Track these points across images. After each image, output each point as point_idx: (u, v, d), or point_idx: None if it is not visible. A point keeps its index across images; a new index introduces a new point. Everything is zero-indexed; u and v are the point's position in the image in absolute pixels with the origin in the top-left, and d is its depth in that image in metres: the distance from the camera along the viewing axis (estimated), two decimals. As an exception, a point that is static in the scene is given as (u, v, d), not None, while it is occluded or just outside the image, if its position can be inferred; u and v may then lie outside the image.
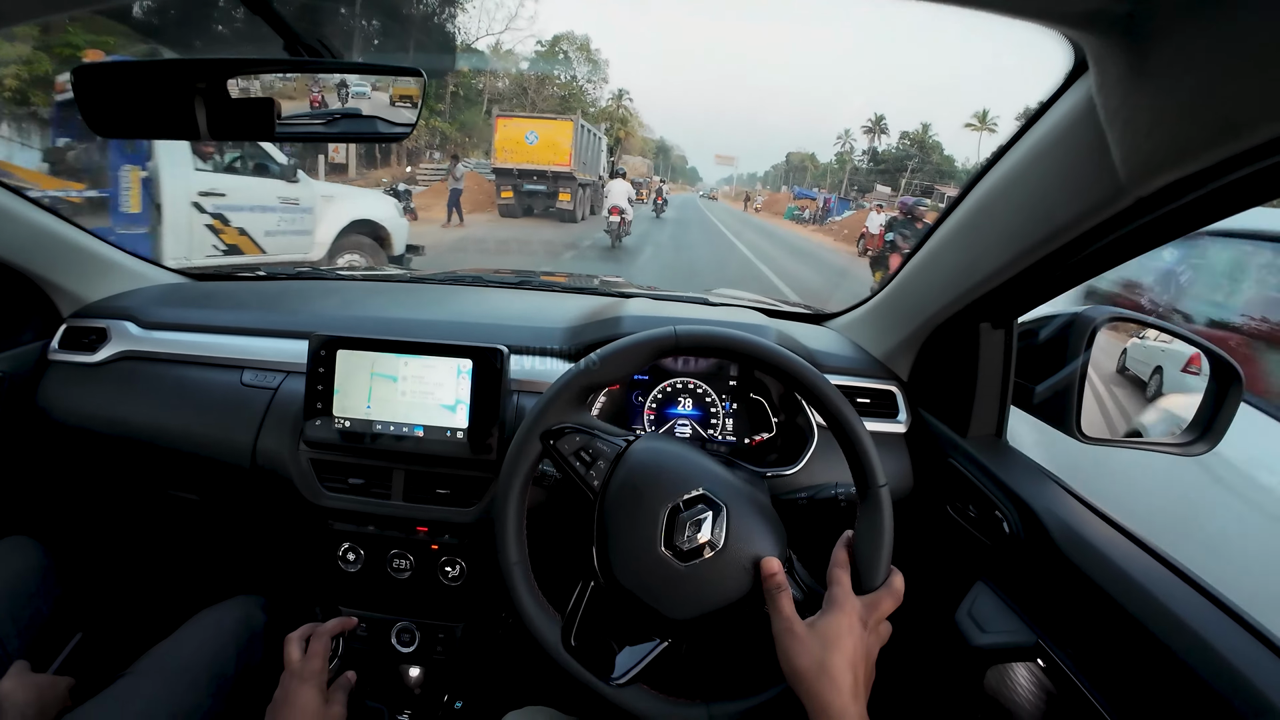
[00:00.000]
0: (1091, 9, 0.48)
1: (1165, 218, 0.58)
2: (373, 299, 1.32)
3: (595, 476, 0.72)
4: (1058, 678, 0.70)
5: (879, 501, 0.69)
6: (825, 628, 0.61)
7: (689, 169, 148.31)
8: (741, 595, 0.67)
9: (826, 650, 0.60)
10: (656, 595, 0.67)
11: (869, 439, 0.71)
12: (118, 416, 1.12)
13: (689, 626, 0.68)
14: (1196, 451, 0.86)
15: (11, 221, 1.06)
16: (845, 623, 0.61)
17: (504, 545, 0.73)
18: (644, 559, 0.68)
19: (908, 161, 60.48)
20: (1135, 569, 0.67)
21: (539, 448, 0.74)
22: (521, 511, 0.74)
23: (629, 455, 0.73)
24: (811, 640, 0.61)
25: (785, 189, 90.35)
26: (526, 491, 0.74)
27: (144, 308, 1.21)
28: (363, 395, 0.97)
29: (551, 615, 0.72)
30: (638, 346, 0.74)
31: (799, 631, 0.61)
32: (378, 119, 0.77)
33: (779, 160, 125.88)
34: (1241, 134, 0.44)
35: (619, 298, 1.31)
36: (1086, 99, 0.57)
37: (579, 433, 0.74)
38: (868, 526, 0.69)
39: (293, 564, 1.19)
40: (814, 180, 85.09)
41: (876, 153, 70.52)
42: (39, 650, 0.97)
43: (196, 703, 0.87)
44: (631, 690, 0.68)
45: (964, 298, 0.87)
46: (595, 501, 0.71)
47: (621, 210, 11.51)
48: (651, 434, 0.79)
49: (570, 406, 0.75)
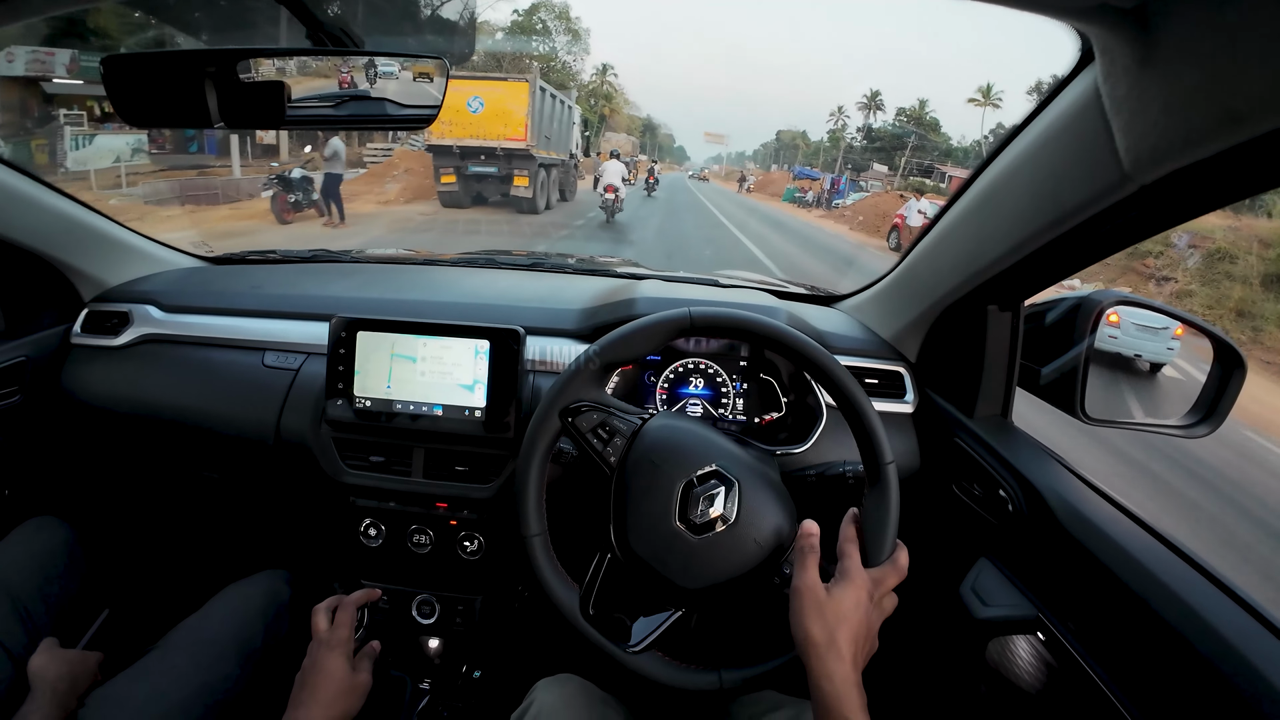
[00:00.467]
0: (1099, 2, 0.49)
1: (1168, 205, 0.59)
2: (389, 280, 1.34)
3: (612, 453, 0.74)
4: (1056, 649, 0.73)
5: (886, 479, 0.71)
6: (838, 599, 0.64)
7: (676, 148, 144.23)
8: (752, 567, 0.70)
9: (838, 622, 0.62)
10: (670, 566, 0.70)
11: (877, 418, 0.73)
12: (141, 398, 1.14)
13: (701, 596, 0.71)
14: (1200, 433, 0.87)
15: (32, 207, 1.07)
16: (854, 596, 0.64)
17: (525, 517, 0.75)
18: (659, 532, 0.71)
19: (906, 139, 58.31)
20: (1134, 546, 0.69)
21: (557, 425, 0.76)
22: (541, 486, 0.76)
23: (645, 432, 0.75)
24: (828, 609, 0.63)
25: (775, 168, 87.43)
26: (546, 466, 0.77)
27: (165, 291, 1.23)
28: (383, 375, 1.00)
29: (570, 585, 0.75)
30: (654, 327, 0.77)
31: (821, 597, 0.64)
32: (396, 102, 0.78)
33: (768, 139, 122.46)
34: (1244, 125, 0.45)
35: (631, 279, 1.33)
36: (1093, 88, 0.58)
37: (596, 410, 0.76)
38: (875, 503, 0.71)
39: (316, 539, 1.22)
40: (806, 159, 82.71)
41: (872, 130, 67.97)
42: (67, 627, 1.00)
43: (225, 673, 0.90)
44: (646, 657, 0.71)
45: (972, 280, 0.88)
46: (612, 477, 0.74)
47: (616, 188, 12.57)
48: (666, 412, 0.81)
49: (588, 385, 0.77)
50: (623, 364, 0.81)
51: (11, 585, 0.93)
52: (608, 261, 1.58)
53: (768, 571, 0.70)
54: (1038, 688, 0.76)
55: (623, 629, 0.73)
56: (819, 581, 0.65)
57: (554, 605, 0.73)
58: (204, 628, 0.95)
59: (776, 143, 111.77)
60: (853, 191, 33.69)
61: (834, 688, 0.60)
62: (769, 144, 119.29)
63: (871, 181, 35.38)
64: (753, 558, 0.70)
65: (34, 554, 1.01)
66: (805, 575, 0.66)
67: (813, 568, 0.66)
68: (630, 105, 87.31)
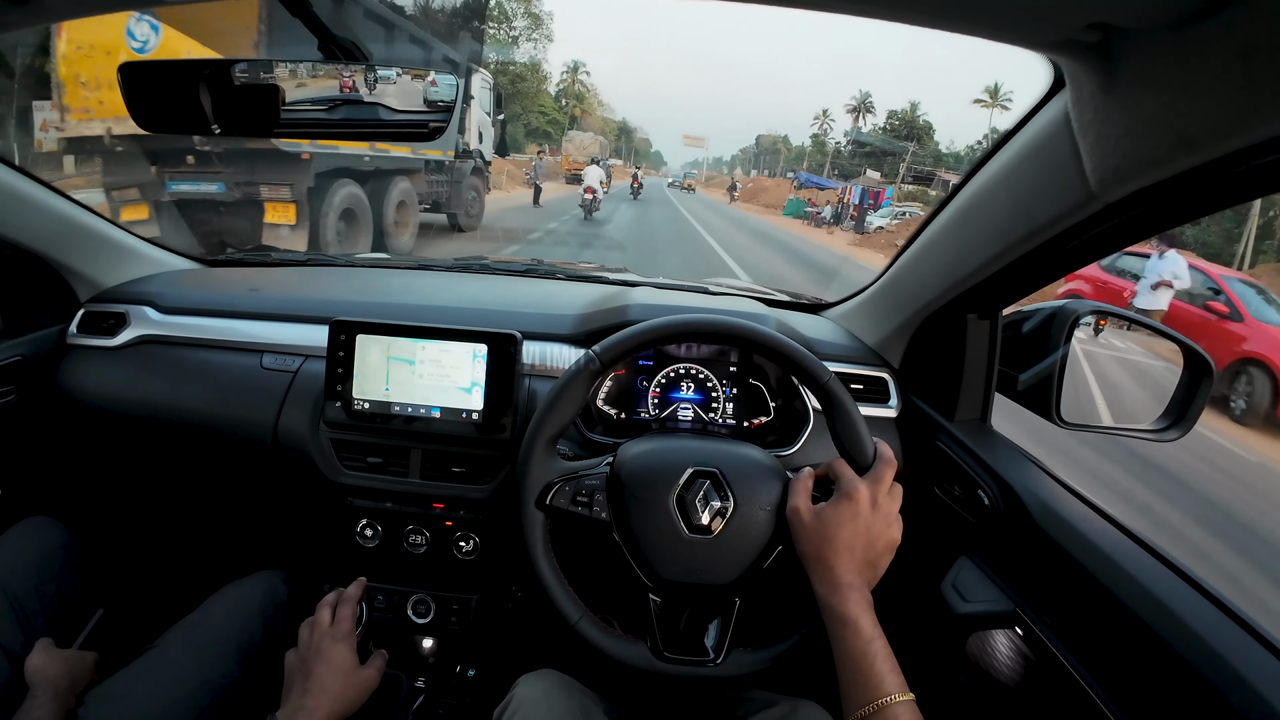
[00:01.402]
0: (1065, 37, 0.53)
1: (1132, 222, 0.64)
2: (386, 284, 1.36)
3: (599, 509, 0.78)
4: (1033, 643, 0.76)
5: (833, 393, 0.76)
6: (827, 517, 0.70)
7: (653, 152, 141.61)
8: (771, 534, 0.75)
9: (822, 538, 0.69)
10: (705, 573, 0.74)
11: (801, 349, 0.78)
12: (138, 398, 1.15)
13: (744, 582, 0.75)
14: (1169, 437, 0.92)
15: (30, 207, 1.07)
16: (847, 510, 0.70)
17: (563, 610, 0.77)
18: (677, 550, 0.74)
19: (907, 143, 56.58)
20: (1105, 543, 0.73)
21: (542, 517, 0.79)
22: (559, 575, 0.79)
23: (616, 473, 0.79)
24: (815, 527, 0.70)
25: (756, 173, 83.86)
26: (552, 556, 0.79)
27: (162, 293, 1.24)
28: (381, 378, 1.01)
29: (633, 642, 0.77)
30: (570, 384, 0.80)
31: (806, 520, 0.71)
32: (392, 107, 0.79)
33: (747, 143, 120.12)
34: (1197, 149, 0.50)
35: (624, 286, 1.36)
36: (1063, 112, 0.62)
37: (566, 482, 0.79)
38: (837, 418, 0.76)
39: (313, 540, 1.24)
40: (788, 164, 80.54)
41: (862, 134, 66.64)
42: (62, 627, 1.00)
43: (224, 671, 0.91)
44: (732, 659, 0.75)
45: (952, 290, 0.92)
46: (613, 528, 0.77)
47: (594, 190, 14.52)
48: (626, 442, 0.84)
49: (545, 463, 0.80)
50: (563, 430, 0.82)
51: (7, 585, 0.92)
52: (600, 268, 1.61)
53: (788, 534, 0.74)
54: (1016, 680, 0.79)
55: (698, 649, 0.76)
56: (806, 505, 0.72)
57: (630, 666, 0.76)
58: (203, 626, 0.95)
59: (756, 148, 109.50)
60: (887, 209, 25.55)
61: (825, 590, 0.68)
62: (748, 149, 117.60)
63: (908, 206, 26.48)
64: (768, 525, 0.75)
65: (30, 554, 1.00)
66: (791, 501, 0.73)
67: (799, 495, 0.73)
68: (605, 107, 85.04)
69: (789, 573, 0.74)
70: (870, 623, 0.66)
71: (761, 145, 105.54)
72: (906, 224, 20.07)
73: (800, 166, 71.58)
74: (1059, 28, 0.52)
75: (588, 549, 0.90)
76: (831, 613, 0.67)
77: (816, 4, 0.51)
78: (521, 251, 8.63)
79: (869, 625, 0.65)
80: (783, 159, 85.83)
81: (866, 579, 0.70)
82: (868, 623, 0.66)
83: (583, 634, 0.77)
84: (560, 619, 0.77)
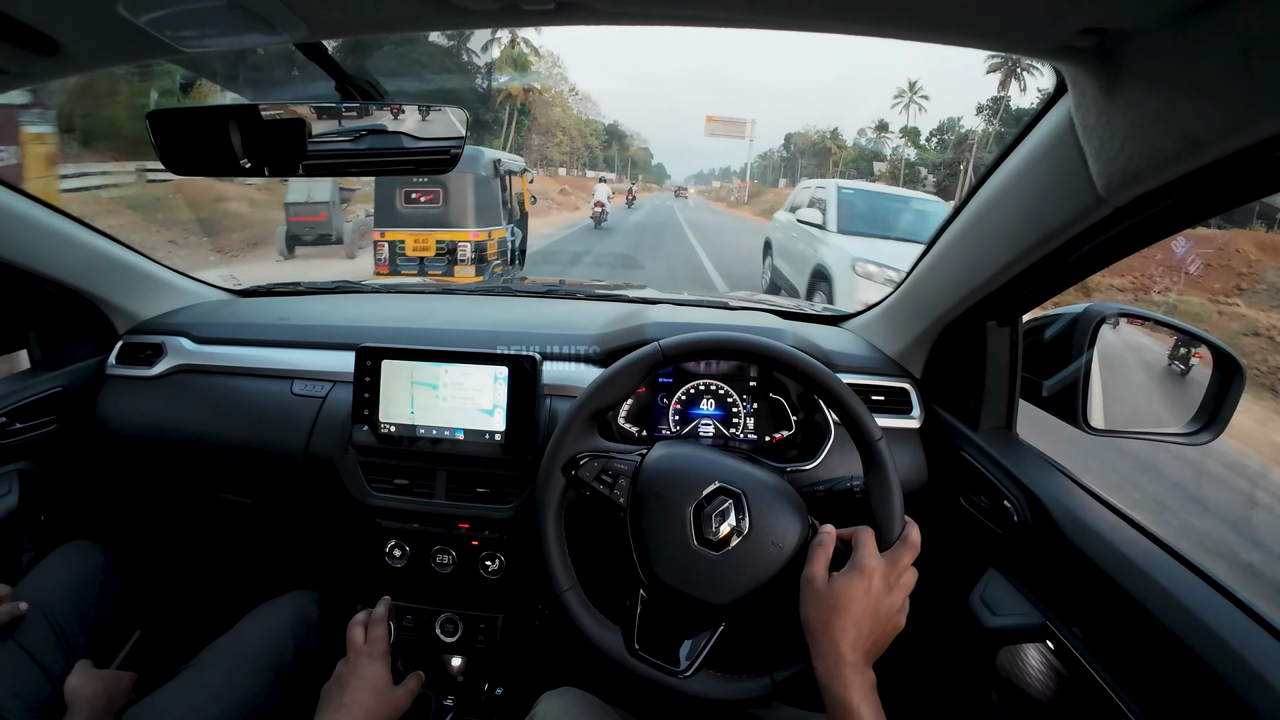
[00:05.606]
0: (1060, 44, 0.53)
1: (1143, 224, 0.63)
2: (409, 308, 1.39)
3: (620, 494, 0.78)
4: (1065, 657, 0.74)
5: (880, 456, 0.75)
6: (840, 588, 0.68)
7: (655, 165, 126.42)
8: (777, 570, 0.74)
9: (832, 611, 0.67)
10: (699, 587, 0.74)
11: (856, 399, 0.77)
12: (175, 425, 1.19)
13: (735, 608, 0.74)
14: (1200, 441, 0.89)
15: (68, 245, 1.13)
16: (861, 586, 0.68)
17: (554, 575, 0.79)
18: (681, 557, 0.74)
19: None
20: (1136, 553, 0.71)
21: (563, 481, 0.80)
22: (562, 542, 0.80)
23: (645, 467, 0.79)
24: (826, 598, 0.68)
25: (785, 182, 65.70)
26: (561, 523, 0.80)
27: (196, 324, 1.28)
28: (406, 401, 1.04)
29: (610, 627, 0.77)
30: (629, 368, 0.81)
31: (819, 588, 0.69)
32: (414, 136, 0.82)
33: (767, 147, 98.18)
34: (1203, 149, 0.49)
35: (642, 304, 1.37)
36: (1067, 117, 0.62)
37: (595, 458, 0.80)
38: (875, 483, 0.75)
39: (342, 561, 1.26)
40: (847, 168, 61.78)
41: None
42: (101, 648, 1.03)
43: (257, 691, 0.93)
44: (699, 678, 0.74)
45: (970, 298, 0.91)
46: (625, 516, 0.78)
47: (603, 204, 17.66)
48: (663, 441, 0.85)
49: (582, 435, 0.81)
50: (608, 409, 0.84)
51: (49, 607, 0.95)
52: (620, 286, 1.62)
53: (793, 571, 0.73)
54: (1049, 696, 0.77)
55: (671, 656, 0.76)
56: (821, 574, 0.70)
57: (599, 649, 0.76)
58: (237, 646, 0.98)
59: (784, 151, 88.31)
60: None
61: (826, 668, 0.66)
62: (770, 153, 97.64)
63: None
64: (775, 561, 0.74)
65: (70, 577, 1.03)
66: (809, 568, 0.70)
67: (817, 561, 0.71)
68: (587, 100, 69.34)
69: (779, 614, 0.73)
70: (871, 712, 0.64)
71: (796, 146, 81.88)
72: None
73: (852, 172, 58.70)
74: (1054, 35, 0.52)
75: (594, 530, 0.91)
76: (832, 698, 0.65)
77: (814, 25, 0.52)
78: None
79: (870, 715, 0.64)
80: (832, 163, 66.56)
81: (868, 658, 0.68)
82: (869, 713, 0.64)
83: (566, 604, 0.77)
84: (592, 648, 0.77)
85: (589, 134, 69.47)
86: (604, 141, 79.91)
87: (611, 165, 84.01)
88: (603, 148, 78.99)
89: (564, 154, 57.75)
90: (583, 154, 67.58)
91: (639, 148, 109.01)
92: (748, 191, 60.00)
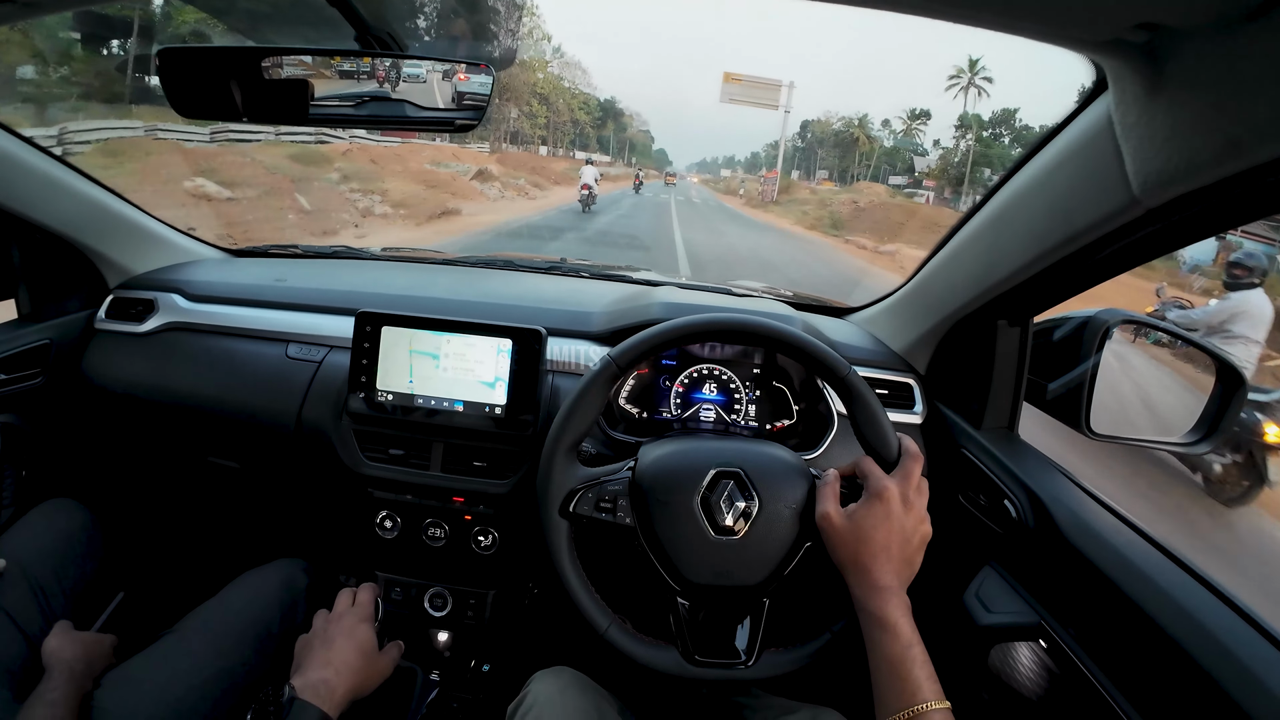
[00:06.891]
0: (1112, 37, 0.52)
1: (1174, 227, 0.62)
2: (409, 278, 1.36)
3: (623, 514, 0.77)
4: (1058, 656, 0.75)
5: (853, 386, 0.75)
6: (860, 519, 0.69)
7: (656, 150, 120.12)
8: (799, 531, 0.74)
9: (860, 541, 0.68)
10: (734, 575, 0.74)
11: (811, 339, 0.77)
12: (164, 384, 1.16)
13: (772, 581, 0.74)
14: (1201, 450, 0.90)
15: (64, 193, 1.09)
16: (881, 510, 0.69)
17: (591, 618, 0.77)
18: (704, 553, 0.74)
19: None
20: (1135, 555, 0.71)
21: (566, 524, 0.78)
22: (585, 582, 0.78)
23: (639, 478, 0.78)
24: (849, 532, 0.69)
25: (797, 174, 58.77)
26: (578, 565, 0.78)
27: (191, 281, 1.25)
28: (405, 370, 1.02)
29: (663, 646, 0.76)
30: (587, 391, 0.79)
31: (838, 525, 0.70)
32: (421, 106, 0.80)
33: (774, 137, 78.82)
34: (1245, 153, 0.48)
35: (647, 285, 1.35)
36: (1105, 114, 0.61)
37: (589, 488, 0.78)
38: (859, 412, 0.75)
39: (332, 530, 1.24)
40: (878, 163, 52.71)
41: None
42: (82, 610, 1.00)
43: (241, 658, 0.91)
44: (764, 660, 0.75)
45: (984, 296, 0.91)
46: (638, 534, 0.77)
47: (590, 186, 17.47)
48: (645, 445, 0.84)
49: (566, 471, 0.79)
50: (582, 438, 0.81)
51: (28, 566, 0.93)
52: (624, 268, 1.61)
53: (814, 532, 0.74)
54: (1040, 694, 0.78)
55: (729, 651, 0.75)
56: (835, 510, 0.71)
57: (662, 673, 0.75)
58: (221, 613, 0.96)
59: (800, 140, 76.66)
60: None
61: (861, 594, 0.68)
62: (776, 144, 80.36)
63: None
64: (793, 523, 0.74)
65: (51, 536, 1.01)
66: (820, 509, 0.72)
67: (828, 500, 0.72)
68: (573, 67, 61.57)
69: (817, 571, 0.74)
70: (909, 627, 0.65)
71: (814, 135, 72.07)
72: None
73: (880, 167, 52.18)
74: (1107, 27, 0.51)
75: (609, 552, 0.89)
76: (870, 616, 0.66)
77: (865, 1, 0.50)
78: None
79: (908, 630, 0.65)
80: (859, 155, 57.65)
81: (903, 579, 0.69)
82: (906, 627, 0.65)
83: (612, 642, 0.76)
84: (586, 625, 0.76)
85: (577, 107, 61.81)
86: (597, 119, 73.49)
87: (606, 147, 78.65)
88: (595, 125, 72.50)
89: (541, 129, 52.00)
90: (569, 130, 60.79)
91: (639, 130, 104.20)
92: (777, 185, 43.50)
